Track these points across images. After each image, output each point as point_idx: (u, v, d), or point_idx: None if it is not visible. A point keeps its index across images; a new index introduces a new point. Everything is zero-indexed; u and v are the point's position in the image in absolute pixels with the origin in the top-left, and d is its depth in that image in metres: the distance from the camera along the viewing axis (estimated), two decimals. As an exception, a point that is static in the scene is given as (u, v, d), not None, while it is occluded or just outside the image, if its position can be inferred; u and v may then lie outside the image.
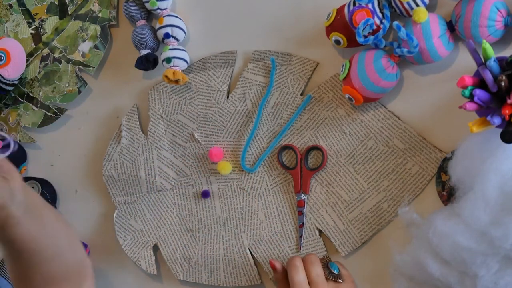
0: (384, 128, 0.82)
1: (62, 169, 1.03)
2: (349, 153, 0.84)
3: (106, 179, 0.97)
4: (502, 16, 0.72)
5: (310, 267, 0.76)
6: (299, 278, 0.75)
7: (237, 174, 0.90)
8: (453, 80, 0.75)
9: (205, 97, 0.91)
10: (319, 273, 0.76)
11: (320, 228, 0.86)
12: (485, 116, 0.67)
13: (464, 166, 0.72)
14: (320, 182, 0.86)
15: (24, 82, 1.02)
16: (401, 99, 0.82)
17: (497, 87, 0.65)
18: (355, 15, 0.76)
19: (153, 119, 0.94)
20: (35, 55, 1.01)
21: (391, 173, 0.82)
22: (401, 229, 0.81)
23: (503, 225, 0.67)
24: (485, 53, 0.66)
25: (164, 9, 0.91)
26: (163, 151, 0.94)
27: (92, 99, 1.00)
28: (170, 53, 0.89)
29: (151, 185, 0.95)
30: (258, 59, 0.88)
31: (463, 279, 0.71)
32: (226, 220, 0.91)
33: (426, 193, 0.81)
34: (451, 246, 0.71)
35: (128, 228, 0.96)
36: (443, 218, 0.73)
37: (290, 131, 0.87)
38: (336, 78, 0.85)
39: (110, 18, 0.96)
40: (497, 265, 0.69)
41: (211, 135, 0.91)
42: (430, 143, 0.80)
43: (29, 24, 1.02)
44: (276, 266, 0.79)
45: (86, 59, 0.98)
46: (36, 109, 1.01)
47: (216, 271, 0.91)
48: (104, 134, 0.99)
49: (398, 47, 0.76)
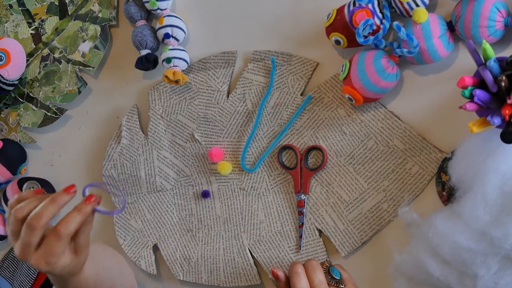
0: (384, 128, 0.82)
1: (62, 169, 1.03)
2: (349, 153, 0.84)
3: (106, 179, 0.97)
4: (502, 17, 0.72)
5: (312, 274, 0.76)
6: (301, 285, 0.75)
7: (237, 174, 0.90)
8: (453, 80, 0.75)
9: (205, 97, 0.91)
10: (322, 280, 0.76)
11: (320, 228, 0.86)
12: (485, 116, 0.67)
13: (464, 166, 0.72)
14: (320, 182, 0.86)
15: (24, 82, 1.02)
16: (401, 99, 0.82)
17: (497, 87, 0.65)
18: (355, 15, 0.76)
19: (153, 119, 0.94)
20: (35, 55, 1.01)
21: (391, 173, 0.82)
22: (401, 229, 0.81)
23: (503, 225, 0.67)
24: (485, 53, 0.66)
25: (164, 9, 0.91)
26: (163, 151, 0.94)
27: (92, 99, 1.00)
28: (170, 53, 0.89)
29: (151, 185, 0.95)
30: (258, 59, 0.88)
31: (463, 279, 0.71)
32: (226, 220, 0.91)
33: (426, 193, 0.81)
34: (451, 246, 0.71)
35: (128, 228, 0.96)
36: (443, 218, 0.73)
37: (290, 131, 0.87)
38: (336, 78, 0.85)
39: (110, 18, 0.96)
40: (497, 265, 0.69)
41: (211, 135, 0.92)
42: (430, 143, 0.80)
43: (29, 24, 1.02)
44: (279, 274, 0.79)
45: (86, 59, 0.98)
46: (36, 109, 1.01)
47: (216, 271, 0.92)
48: (104, 134, 0.99)
49: (398, 47, 0.76)
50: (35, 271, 1.00)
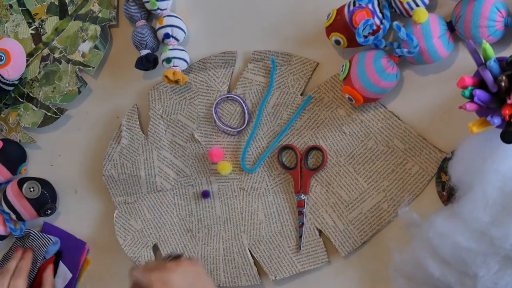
0: (384, 128, 0.82)
1: (62, 169, 1.03)
2: (349, 153, 0.84)
3: (106, 179, 0.97)
4: (502, 17, 0.72)
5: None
6: None
7: (237, 174, 0.90)
8: (453, 80, 0.75)
9: (205, 97, 0.91)
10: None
11: (320, 228, 0.86)
12: (485, 116, 0.67)
13: (464, 166, 0.72)
14: (320, 182, 0.86)
15: (24, 82, 1.02)
16: (401, 99, 0.82)
17: (497, 87, 0.65)
18: (355, 15, 0.76)
19: (153, 119, 0.94)
20: (35, 55, 1.01)
21: (391, 173, 0.82)
22: (401, 229, 0.81)
23: (503, 225, 0.67)
24: (485, 54, 0.66)
25: (164, 9, 0.91)
26: (163, 151, 0.94)
27: (92, 99, 1.00)
28: (170, 53, 0.89)
29: (151, 185, 0.95)
30: (258, 59, 0.88)
31: (463, 279, 0.71)
32: (226, 220, 0.91)
33: (426, 193, 0.81)
34: (451, 246, 0.71)
35: (128, 228, 0.96)
36: (443, 218, 0.73)
37: (290, 131, 0.87)
38: (336, 78, 0.85)
39: (110, 18, 0.96)
40: (497, 265, 0.69)
41: (211, 135, 0.92)
42: (430, 143, 0.80)
43: (29, 24, 1.02)
44: None
45: (86, 59, 0.98)
46: (36, 109, 1.01)
47: (216, 271, 0.92)
48: (104, 134, 0.99)
49: (398, 47, 0.76)
50: (34, 270, 1.00)
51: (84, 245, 1.00)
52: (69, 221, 1.02)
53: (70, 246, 1.01)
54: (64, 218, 1.03)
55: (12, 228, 1.02)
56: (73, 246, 1.01)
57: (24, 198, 0.98)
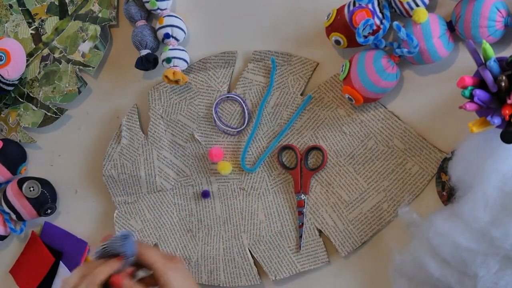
0: (384, 128, 0.82)
1: (62, 169, 1.03)
2: (349, 153, 0.84)
3: (106, 179, 0.97)
4: (502, 17, 0.72)
5: None
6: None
7: (237, 174, 0.90)
8: (453, 80, 0.75)
9: (205, 97, 0.92)
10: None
11: (320, 228, 0.86)
12: (485, 116, 0.67)
13: (464, 166, 0.72)
14: (320, 182, 0.86)
15: (24, 82, 1.02)
16: (401, 99, 0.82)
17: (497, 87, 0.65)
18: (355, 15, 0.76)
19: (153, 119, 0.94)
20: (35, 55, 1.01)
21: (391, 173, 0.82)
22: (401, 229, 0.81)
23: (503, 225, 0.67)
24: (485, 54, 0.66)
25: (164, 9, 0.91)
26: (163, 151, 0.94)
27: (92, 99, 1.00)
28: (170, 53, 0.89)
29: (151, 185, 0.95)
30: (258, 59, 0.88)
31: (463, 279, 0.71)
32: (226, 220, 0.91)
33: (426, 193, 0.81)
34: (451, 246, 0.71)
35: (128, 228, 0.96)
36: (443, 218, 0.73)
37: (290, 131, 0.87)
38: (336, 78, 0.85)
39: (110, 18, 0.96)
40: (497, 265, 0.69)
41: (211, 135, 0.92)
42: (430, 143, 0.80)
43: (29, 24, 1.02)
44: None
45: (86, 59, 0.98)
46: (36, 109, 1.01)
47: (216, 271, 0.92)
48: (104, 134, 0.99)
49: (398, 47, 0.76)
50: None
51: (85, 245, 1.00)
52: (69, 221, 1.02)
53: (70, 246, 1.01)
54: (64, 218, 1.03)
55: (12, 228, 1.02)
56: (73, 246, 1.01)
57: (24, 197, 0.98)
